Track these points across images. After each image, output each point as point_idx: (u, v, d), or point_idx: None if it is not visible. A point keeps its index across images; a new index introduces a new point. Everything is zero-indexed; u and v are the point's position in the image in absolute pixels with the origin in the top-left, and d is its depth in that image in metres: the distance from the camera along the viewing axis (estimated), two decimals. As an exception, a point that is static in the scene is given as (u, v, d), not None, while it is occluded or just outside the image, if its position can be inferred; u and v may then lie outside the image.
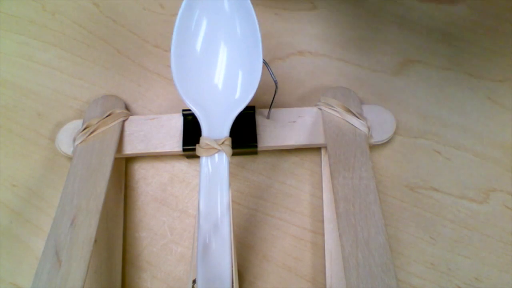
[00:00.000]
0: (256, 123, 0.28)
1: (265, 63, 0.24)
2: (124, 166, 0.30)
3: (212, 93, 0.24)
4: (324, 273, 0.27)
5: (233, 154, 0.23)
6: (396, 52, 0.33)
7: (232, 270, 0.20)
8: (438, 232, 0.28)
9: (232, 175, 0.30)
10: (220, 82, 0.24)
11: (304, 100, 0.32)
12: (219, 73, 0.24)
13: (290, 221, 0.28)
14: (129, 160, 0.30)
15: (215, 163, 0.22)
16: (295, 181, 0.29)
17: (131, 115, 0.29)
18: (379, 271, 0.22)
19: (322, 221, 0.28)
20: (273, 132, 0.28)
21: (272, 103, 0.27)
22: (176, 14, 0.23)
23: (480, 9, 0.34)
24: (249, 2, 0.23)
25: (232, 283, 0.20)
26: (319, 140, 0.28)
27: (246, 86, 0.24)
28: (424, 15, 0.34)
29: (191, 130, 0.28)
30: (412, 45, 0.33)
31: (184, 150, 0.28)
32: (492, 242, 0.27)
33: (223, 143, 0.22)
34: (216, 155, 0.22)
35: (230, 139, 0.22)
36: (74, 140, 0.28)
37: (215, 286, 0.20)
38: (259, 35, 0.23)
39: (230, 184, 0.22)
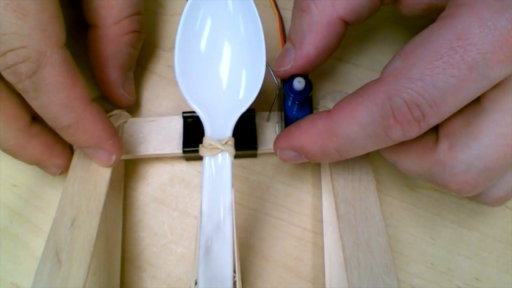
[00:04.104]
0: (256, 126, 0.28)
1: (266, 64, 0.24)
2: (123, 167, 0.30)
3: (216, 93, 0.24)
4: (324, 274, 0.27)
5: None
6: (395, 51, 0.33)
7: (235, 271, 0.20)
8: (438, 232, 0.28)
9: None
10: (224, 82, 0.24)
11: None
12: (223, 73, 0.24)
13: (290, 221, 0.28)
14: (129, 159, 0.30)
15: (218, 163, 0.22)
16: (295, 181, 0.29)
17: (131, 117, 0.29)
18: (380, 272, 0.22)
19: (322, 222, 0.28)
20: (273, 135, 0.28)
21: (272, 105, 0.27)
22: (176, 14, 0.23)
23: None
24: (252, 2, 0.23)
25: (235, 284, 0.20)
26: (319, 141, 0.28)
27: (250, 86, 0.24)
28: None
29: (191, 132, 0.28)
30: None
31: (184, 152, 0.28)
32: (492, 242, 0.27)
33: (226, 143, 0.22)
34: (220, 155, 0.22)
35: (233, 139, 0.23)
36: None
37: (216, 287, 0.20)
38: (262, 35, 0.23)
39: (233, 185, 0.22)
